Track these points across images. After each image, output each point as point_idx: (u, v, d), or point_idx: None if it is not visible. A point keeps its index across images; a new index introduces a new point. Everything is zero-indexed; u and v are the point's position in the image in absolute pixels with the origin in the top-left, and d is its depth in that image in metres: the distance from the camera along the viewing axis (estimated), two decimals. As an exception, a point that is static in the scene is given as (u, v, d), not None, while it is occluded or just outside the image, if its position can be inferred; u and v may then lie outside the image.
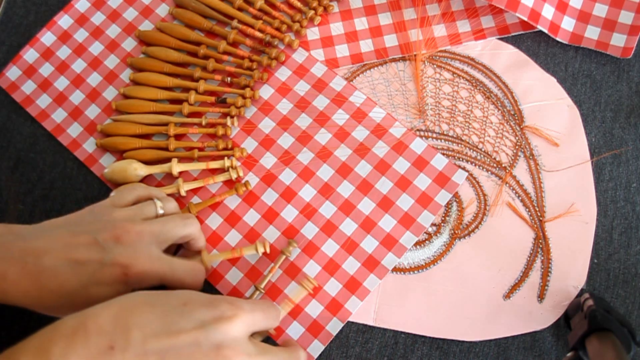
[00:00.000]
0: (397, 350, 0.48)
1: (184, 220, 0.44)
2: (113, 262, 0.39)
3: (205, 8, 0.55)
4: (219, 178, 0.50)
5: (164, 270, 0.41)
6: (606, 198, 0.51)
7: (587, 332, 0.42)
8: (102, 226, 0.41)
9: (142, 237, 0.41)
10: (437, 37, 0.55)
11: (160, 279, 0.41)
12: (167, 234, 0.43)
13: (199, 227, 0.46)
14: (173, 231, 0.43)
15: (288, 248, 0.48)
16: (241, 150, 0.51)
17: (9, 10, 0.58)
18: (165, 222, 0.43)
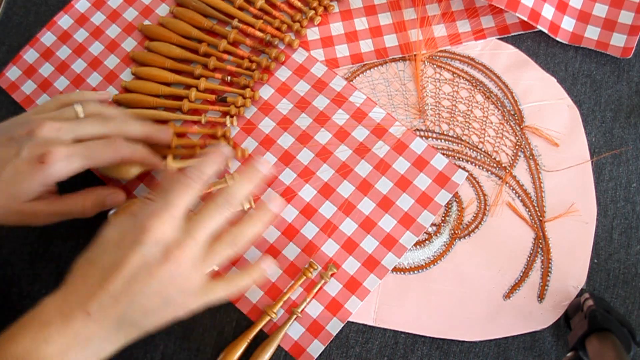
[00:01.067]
0: (397, 350, 0.48)
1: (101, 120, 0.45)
2: (29, 152, 0.41)
3: (206, 7, 0.55)
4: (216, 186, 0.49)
5: (81, 150, 0.42)
6: (606, 198, 0.51)
7: (587, 332, 0.42)
8: (19, 125, 0.43)
9: (56, 131, 0.42)
10: (437, 37, 0.55)
11: (80, 161, 0.42)
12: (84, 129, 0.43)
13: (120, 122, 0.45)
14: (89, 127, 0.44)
15: (327, 273, 0.48)
16: (242, 150, 0.51)
17: (9, 10, 0.58)
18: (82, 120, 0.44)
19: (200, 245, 0.40)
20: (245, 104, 0.53)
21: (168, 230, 0.39)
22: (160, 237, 0.39)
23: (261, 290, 0.48)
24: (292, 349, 0.47)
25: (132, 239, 0.39)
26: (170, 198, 0.41)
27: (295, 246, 0.49)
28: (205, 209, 0.41)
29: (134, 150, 0.46)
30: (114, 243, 0.40)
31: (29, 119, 0.43)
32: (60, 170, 0.42)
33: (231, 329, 0.48)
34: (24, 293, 0.50)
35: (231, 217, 0.42)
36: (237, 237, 0.42)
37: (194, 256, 0.40)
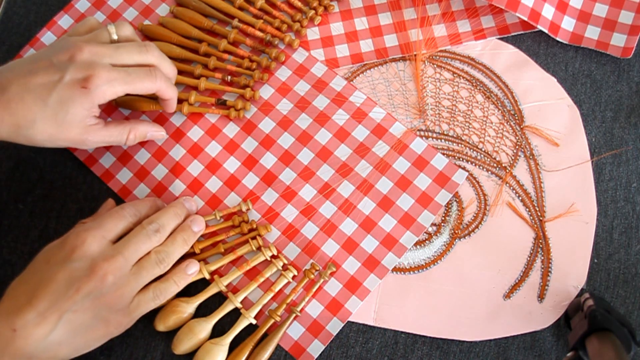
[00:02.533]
0: (397, 350, 0.48)
1: (140, 46, 0.46)
2: (72, 78, 0.42)
3: (206, 7, 0.55)
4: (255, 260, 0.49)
5: (122, 75, 0.44)
6: (606, 198, 0.51)
7: (587, 332, 0.42)
8: (59, 50, 0.43)
9: (95, 55, 0.43)
10: (437, 37, 0.55)
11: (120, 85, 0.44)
12: (121, 55, 0.44)
13: (157, 54, 0.47)
14: (128, 53, 0.45)
15: (326, 272, 0.48)
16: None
17: (9, 10, 0.58)
18: (119, 45, 0.45)
19: (127, 262, 0.41)
20: (245, 107, 0.53)
21: (96, 247, 0.40)
22: (88, 253, 0.40)
23: (261, 290, 0.48)
24: (292, 349, 0.47)
25: (60, 256, 0.40)
26: (102, 221, 0.42)
27: (295, 246, 0.49)
28: (135, 234, 0.43)
29: (169, 85, 0.47)
30: (44, 262, 0.41)
31: (67, 43, 0.44)
32: (104, 94, 0.43)
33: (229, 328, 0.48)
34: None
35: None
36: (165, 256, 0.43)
37: (121, 272, 0.40)
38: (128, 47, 0.45)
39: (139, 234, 0.43)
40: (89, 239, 0.40)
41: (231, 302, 0.47)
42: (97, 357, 0.48)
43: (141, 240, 0.42)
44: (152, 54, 0.46)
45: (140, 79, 0.45)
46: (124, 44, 0.45)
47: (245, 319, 0.47)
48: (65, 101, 0.42)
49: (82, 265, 0.39)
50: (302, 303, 0.47)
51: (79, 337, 0.40)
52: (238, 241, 0.49)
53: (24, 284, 0.40)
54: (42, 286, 0.39)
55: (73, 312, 0.39)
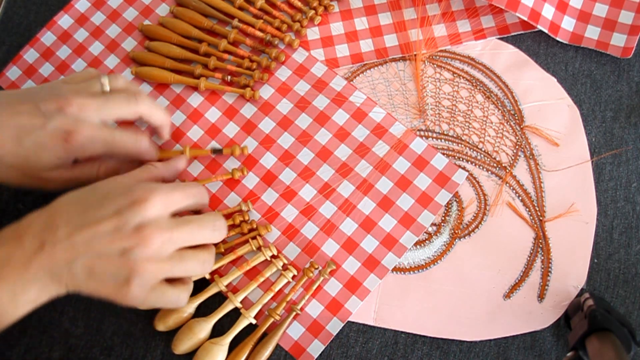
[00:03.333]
0: (397, 350, 0.48)
1: (129, 98, 0.45)
2: (55, 127, 0.42)
3: (206, 7, 0.55)
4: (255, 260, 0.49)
5: (106, 136, 0.44)
6: (606, 198, 0.51)
7: (587, 332, 0.42)
8: (47, 96, 0.43)
9: (84, 109, 0.43)
10: (437, 37, 0.55)
11: (102, 144, 0.44)
12: (110, 108, 0.44)
13: (148, 103, 0.46)
14: (117, 106, 0.45)
15: (326, 270, 0.48)
16: (242, 148, 0.51)
17: (9, 10, 0.58)
18: (109, 97, 0.45)
19: (174, 244, 0.40)
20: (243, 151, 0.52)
21: (156, 211, 0.40)
22: (146, 213, 0.39)
23: (261, 290, 0.48)
24: (292, 349, 0.47)
25: (120, 202, 0.40)
26: (173, 190, 0.42)
27: (295, 246, 0.49)
28: (199, 221, 0.42)
29: (153, 154, 0.47)
30: (103, 195, 0.40)
31: (59, 91, 0.44)
32: (82, 151, 0.43)
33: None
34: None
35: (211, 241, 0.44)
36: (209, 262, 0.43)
37: (163, 250, 0.40)
38: (116, 99, 0.45)
39: (202, 223, 0.42)
40: (154, 200, 0.40)
41: (231, 302, 0.47)
42: (97, 357, 0.48)
43: (200, 231, 0.42)
44: (141, 104, 0.46)
45: (123, 144, 0.45)
46: (113, 96, 0.45)
47: (245, 318, 0.47)
48: (42, 147, 0.42)
49: (134, 221, 0.39)
50: (302, 302, 0.48)
51: (91, 281, 0.39)
52: (238, 241, 0.49)
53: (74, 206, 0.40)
54: (89, 221, 0.39)
55: (99, 257, 0.39)
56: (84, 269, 0.38)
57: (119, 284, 0.39)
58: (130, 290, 0.39)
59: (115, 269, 0.39)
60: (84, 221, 0.39)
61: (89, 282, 0.39)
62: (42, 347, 0.48)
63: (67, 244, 0.38)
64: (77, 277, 0.39)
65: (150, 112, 0.47)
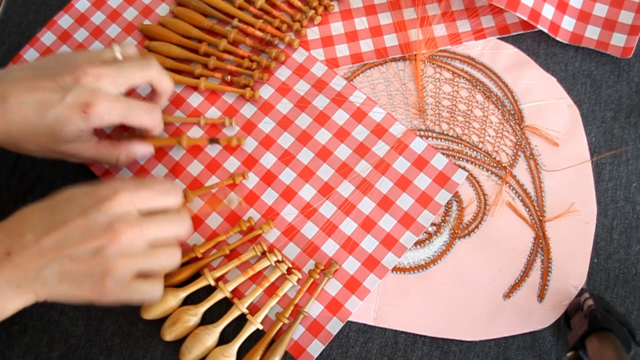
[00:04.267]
0: (397, 350, 0.48)
1: (141, 64, 0.46)
2: (73, 100, 0.42)
3: (206, 7, 0.55)
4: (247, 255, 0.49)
5: (123, 106, 0.44)
6: (606, 198, 0.51)
7: (587, 332, 0.42)
8: (63, 68, 0.43)
9: (100, 79, 0.43)
10: (437, 36, 0.55)
11: (120, 115, 0.44)
12: (125, 76, 0.45)
13: (159, 70, 0.47)
14: (131, 73, 0.45)
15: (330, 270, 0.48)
16: (239, 138, 0.51)
17: (9, 10, 0.58)
18: (123, 65, 0.45)
19: (144, 238, 0.40)
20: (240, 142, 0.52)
21: (123, 208, 0.40)
22: (113, 210, 0.39)
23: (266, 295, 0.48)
24: (292, 349, 0.47)
25: (85, 202, 0.39)
26: (140, 187, 0.41)
27: (295, 246, 0.49)
28: (169, 217, 0.42)
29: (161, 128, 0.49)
30: (65, 200, 0.40)
31: (73, 62, 0.44)
32: (100, 121, 0.44)
33: (231, 329, 0.48)
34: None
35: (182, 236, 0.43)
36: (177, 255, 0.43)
37: (134, 245, 0.39)
38: (130, 66, 0.45)
39: (171, 218, 0.42)
40: (120, 197, 0.40)
41: (237, 308, 0.47)
42: (97, 357, 0.48)
43: (168, 224, 0.42)
44: (153, 69, 0.46)
45: (138, 115, 0.45)
46: (127, 63, 0.46)
47: (252, 324, 0.46)
48: (62, 120, 0.42)
49: (102, 219, 0.39)
50: (309, 304, 0.47)
51: (64, 285, 0.39)
52: (241, 242, 0.49)
53: (38, 213, 0.40)
54: (55, 225, 0.38)
55: (71, 259, 0.38)
56: (55, 274, 0.38)
57: (94, 283, 0.39)
58: (106, 288, 0.39)
59: (89, 268, 0.38)
60: (51, 225, 0.38)
61: (62, 287, 0.39)
62: (42, 347, 0.48)
63: (35, 250, 0.37)
64: (48, 284, 0.38)
65: (160, 77, 0.47)
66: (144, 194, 0.41)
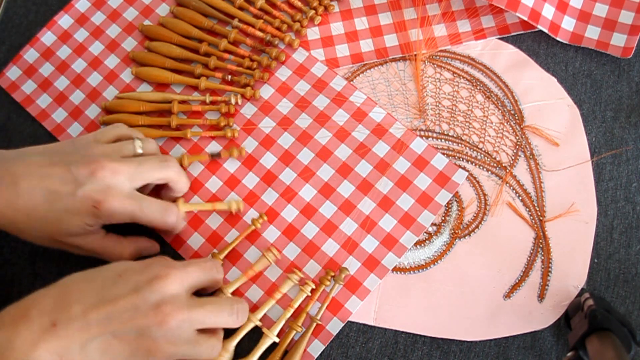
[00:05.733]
0: (397, 350, 0.48)
1: (161, 162, 0.45)
2: (85, 195, 0.41)
3: (206, 7, 0.55)
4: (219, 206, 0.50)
5: (134, 208, 0.43)
6: (606, 198, 0.51)
7: (587, 332, 0.42)
8: (79, 159, 0.42)
9: (116, 174, 0.42)
10: (438, 36, 0.55)
11: (130, 216, 0.43)
12: (142, 174, 0.44)
13: (177, 170, 0.46)
14: (149, 171, 0.44)
15: (258, 220, 0.49)
16: (240, 149, 0.51)
17: (9, 10, 0.58)
18: (141, 161, 0.44)
19: (192, 324, 0.39)
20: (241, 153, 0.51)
21: (174, 288, 0.39)
22: (164, 290, 0.38)
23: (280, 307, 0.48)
24: (292, 349, 0.47)
25: (138, 279, 0.38)
26: (189, 265, 0.41)
27: (296, 246, 0.49)
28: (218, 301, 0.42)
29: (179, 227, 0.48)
30: (117, 274, 0.39)
31: (91, 153, 0.43)
32: (110, 219, 0.43)
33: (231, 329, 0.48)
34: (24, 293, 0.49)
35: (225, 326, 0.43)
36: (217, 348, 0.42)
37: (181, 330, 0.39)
38: (149, 164, 0.44)
39: (221, 305, 0.41)
40: (172, 277, 0.39)
41: (251, 321, 0.46)
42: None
43: (218, 313, 0.41)
44: (172, 169, 0.46)
45: (151, 214, 0.44)
46: (145, 160, 0.44)
47: (269, 338, 0.46)
48: (71, 212, 0.41)
49: (153, 298, 0.38)
50: (321, 312, 0.47)
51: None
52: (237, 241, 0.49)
53: (87, 284, 0.38)
54: (104, 300, 0.37)
55: (115, 337, 0.37)
56: (98, 350, 0.37)
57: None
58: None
59: (132, 348, 0.37)
60: (100, 299, 0.37)
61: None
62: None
63: (82, 323, 0.36)
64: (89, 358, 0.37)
65: (178, 178, 0.47)
66: (194, 272, 0.41)
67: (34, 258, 0.50)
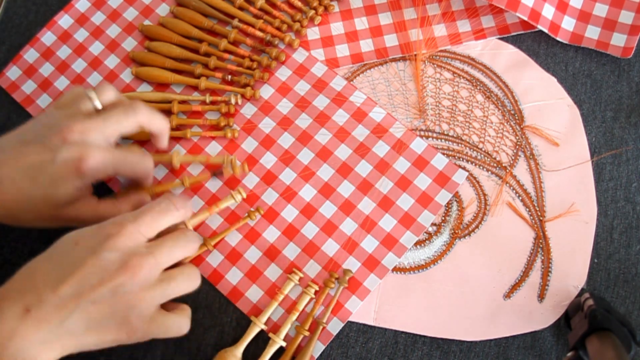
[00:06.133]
0: (397, 350, 0.48)
1: (126, 110, 0.44)
2: (64, 159, 0.41)
3: (206, 7, 0.55)
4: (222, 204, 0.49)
5: (115, 158, 0.43)
6: (606, 198, 0.51)
7: (587, 332, 0.42)
8: (48, 130, 0.42)
9: (87, 133, 0.42)
10: (438, 36, 0.55)
11: (113, 168, 0.43)
12: (111, 125, 0.43)
13: (146, 112, 0.45)
14: (118, 122, 0.43)
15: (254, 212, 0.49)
16: (242, 166, 0.51)
17: (9, 10, 0.58)
18: (107, 114, 0.44)
19: (159, 267, 0.39)
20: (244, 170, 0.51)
21: (130, 241, 0.39)
22: (121, 245, 0.38)
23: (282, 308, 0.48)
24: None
25: (93, 242, 0.38)
26: (141, 215, 0.40)
27: (296, 246, 0.49)
28: (173, 236, 0.41)
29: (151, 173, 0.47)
30: (72, 244, 0.39)
31: (57, 122, 0.42)
32: (95, 176, 0.42)
33: (231, 328, 0.48)
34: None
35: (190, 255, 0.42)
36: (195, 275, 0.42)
37: (151, 276, 0.38)
38: (115, 115, 0.44)
39: (179, 239, 0.41)
40: (127, 230, 0.38)
41: (256, 325, 0.46)
42: (97, 357, 0.48)
43: (177, 246, 0.41)
44: (140, 114, 0.45)
45: (131, 164, 0.44)
46: (110, 112, 0.44)
47: (276, 343, 0.46)
48: (56, 180, 0.41)
49: (114, 256, 0.37)
50: (326, 315, 0.47)
51: (91, 332, 0.37)
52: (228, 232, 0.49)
53: (47, 263, 0.38)
54: (69, 270, 0.37)
55: (93, 303, 0.37)
56: (80, 322, 0.37)
57: (120, 323, 0.38)
58: (133, 325, 0.38)
59: (112, 309, 0.37)
60: (64, 273, 0.37)
61: (89, 334, 0.37)
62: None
63: (55, 301, 0.36)
64: (74, 334, 0.37)
65: (150, 119, 0.46)
66: (147, 219, 0.40)
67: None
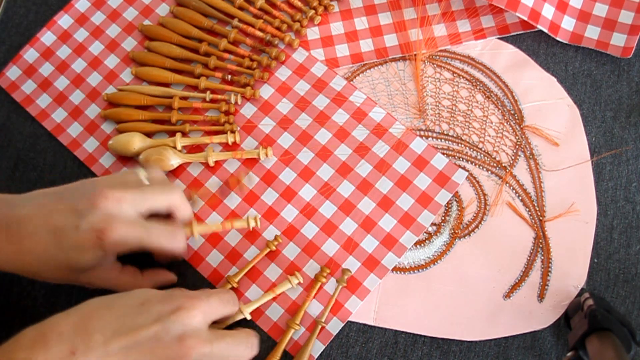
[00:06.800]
0: (397, 350, 0.48)
1: (163, 189, 0.44)
2: (88, 227, 0.40)
3: (206, 7, 0.55)
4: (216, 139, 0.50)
5: (141, 234, 0.41)
6: (606, 197, 0.51)
7: (587, 332, 0.42)
8: (83, 193, 0.41)
9: (118, 202, 0.41)
10: (437, 36, 0.55)
11: (137, 242, 0.41)
12: (145, 200, 0.42)
13: (180, 196, 0.45)
14: (152, 197, 0.43)
15: (273, 242, 0.48)
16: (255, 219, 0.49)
17: (9, 10, 0.58)
18: (145, 188, 0.43)
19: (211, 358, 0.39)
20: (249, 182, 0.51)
21: (198, 321, 0.38)
22: (187, 322, 0.38)
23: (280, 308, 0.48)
24: (292, 349, 0.47)
25: (162, 309, 0.38)
26: (210, 297, 0.40)
27: (296, 246, 0.49)
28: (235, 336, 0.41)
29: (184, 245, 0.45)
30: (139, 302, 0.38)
31: (95, 184, 0.42)
32: (117, 248, 0.41)
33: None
34: (24, 293, 0.50)
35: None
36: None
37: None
38: (152, 190, 0.43)
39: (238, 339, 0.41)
40: (196, 308, 0.38)
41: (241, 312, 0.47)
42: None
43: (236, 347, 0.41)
44: (176, 195, 0.44)
45: (158, 239, 0.42)
46: (149, 187, 0.43)
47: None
48: (78, 247, 0.40)
49: (176, 329, 0.37)
50: (325, 315, 0.47)
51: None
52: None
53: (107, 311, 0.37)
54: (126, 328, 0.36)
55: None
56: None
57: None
58: None
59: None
60: (122, 328, 0.36)
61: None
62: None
63: (102, 352, 0.35)
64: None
65: (181, 205, 0.45)
66: (215, 304, 0.40)
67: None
